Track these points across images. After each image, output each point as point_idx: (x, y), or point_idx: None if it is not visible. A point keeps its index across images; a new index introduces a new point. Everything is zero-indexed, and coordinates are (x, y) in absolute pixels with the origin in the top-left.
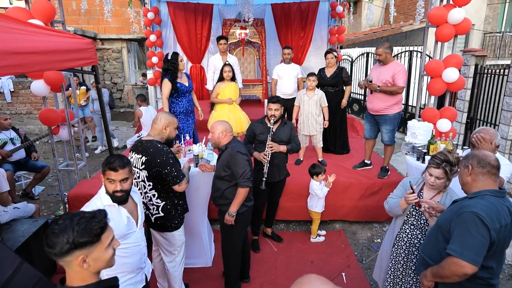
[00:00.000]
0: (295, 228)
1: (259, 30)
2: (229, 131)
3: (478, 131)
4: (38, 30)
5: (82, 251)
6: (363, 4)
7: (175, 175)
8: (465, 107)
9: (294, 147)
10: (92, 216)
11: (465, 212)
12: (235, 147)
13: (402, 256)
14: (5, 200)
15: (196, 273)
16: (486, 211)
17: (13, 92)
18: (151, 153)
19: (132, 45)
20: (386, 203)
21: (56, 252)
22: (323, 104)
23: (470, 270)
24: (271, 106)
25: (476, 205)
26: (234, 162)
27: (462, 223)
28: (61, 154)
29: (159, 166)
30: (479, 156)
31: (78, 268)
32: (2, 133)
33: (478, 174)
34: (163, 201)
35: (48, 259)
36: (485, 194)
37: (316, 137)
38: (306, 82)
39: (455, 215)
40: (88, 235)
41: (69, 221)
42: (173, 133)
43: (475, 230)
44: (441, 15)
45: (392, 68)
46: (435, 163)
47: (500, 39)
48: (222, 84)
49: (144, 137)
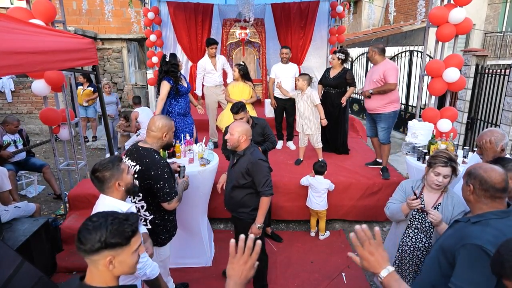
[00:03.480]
0: (295, 228)
1: (259, 30)
2: (249, 135)
3: (484, 133)
4: (39, 30)
5: (111, 251)
6: (363, 4)
7: (166, 191)
8: (466, 107)
9: (269, 146)
10: (126, 218)
11: (469, 244)
12: (256, 154)
13: (407, 260)
14: (6, 199)
15: (196, 273)
16: (493, 242)
17: (14, 91)
18: (146, 163)
19: (132, 45)
20: (387, 208)
21: (87, 249)
22: (314, 102)
23: None
24: (235, 117)
25: (481, 236)
26: (257, 170)
27: (466, 257)
28: (61, 154)
29: (152, 179)
30: (483, 177)
31: (103, 268)
32: (7, 135)
33: (480, 196)
34: (152, 214)
35: (48, 258)
36: (490, 218)
37: (313, 137)
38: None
39: (459, 244)
40: (119, 237)
41: (103, 219)
42: (172, 137)
43: (481, 265)
44: (442, 15)
45: (383, 66)
46: (442, 162)
47: (501, 39)
48: (231, 83)
49: (141, 142)
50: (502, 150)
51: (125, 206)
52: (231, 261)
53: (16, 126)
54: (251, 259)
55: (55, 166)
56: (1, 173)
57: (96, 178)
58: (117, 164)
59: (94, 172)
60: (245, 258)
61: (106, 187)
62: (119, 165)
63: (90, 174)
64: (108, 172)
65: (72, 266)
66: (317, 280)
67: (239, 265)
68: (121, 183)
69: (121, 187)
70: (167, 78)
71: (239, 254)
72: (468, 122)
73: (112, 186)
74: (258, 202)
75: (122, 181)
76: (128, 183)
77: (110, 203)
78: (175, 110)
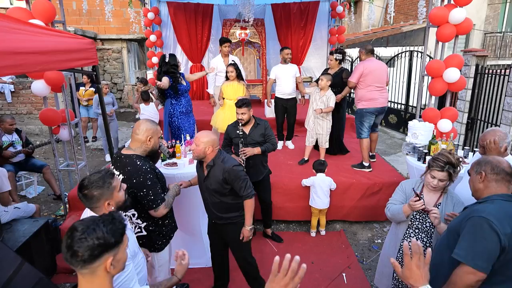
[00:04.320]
0: (295, 229)
1: (259, 30)
2: (216, 145)
3: (486, 133)
4: (38, 30)
5: (111, 252)
6: (363, 4)
7: (151, 199)
8: (466, 107)
9: (269, 147)
10: (113, 217)
11: (473, 217)
12: (228, 161)
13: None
14: (6, 200)
15: (196, 273)
16: (496, 215)
17: (13, 92)
18: (127, 171)
19: (132, 45)
20: (387, 210)
21: (86, 258)
22: (330, 104)
23: (476, 277)
24: (237, 111)
25: (485, 209)
26: (234, 177)
27: (470, 228)
28: (61, 154)
29: (134, 187)
30: (493, 162)
31: (102, 273)
32: (5, 136)
33: (491, 180)
34: (144, 221)
35: (48, 259)
36: (495, 199)
37: (323, 137)
38: (319, 81)
39: (464, 219)
40: (116, 235)
41: (93, 224)
42: (157, 143)
43: (483, 236)
44: (442, 15)
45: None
46: (439, 166)
47: (501, 39)
48: (225, 83)
49: (124, 149)
50: (505, 150)
51: None
52: (272, 279)
53: (11, 124)
54: (293, 283)
55: (55, 167)
56: (1, 174)
57: (83, 196)
58: (108, 182)
59: (82, 189)
60: (287, 281)
61: (94, 206)
62: (110, 183)
63: (77, 190)
64: (97, 191)
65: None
66: (317, 281)
67: (279, 286)
68: (111, 203)
69: (111, 206)
70: (168, 76)
71: (281, 275)
72: (468, 122)
73: (101, 206)
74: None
75: (112, 200)
76: (119, 202)
77: None
78: (177, 110)
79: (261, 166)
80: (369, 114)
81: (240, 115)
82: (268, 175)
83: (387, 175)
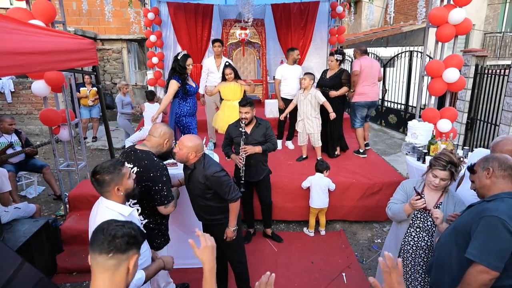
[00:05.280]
0: (295, 229)
1: (259, 30)
2: (200, 151)
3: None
4: (38, 30)
5: (137, 251)
6: (363, 4)
7: (164, 194)
8: (466, 107)
9: (270, 147)
10: (123, 223)
11: (486, 216)
12: (209, 168)
13: (409, 260)
14: (6, 200)
15: (196, 273)
16: (508, 214)
17: (13, 92)
18: (145, 165)
19: (132, 45)
20: (388, 209)
21: (120, 245)
22: (320, 100)
23: (489, 276)
24: (241, 110)
25: (497, 208)
26: (216, 184)
27: (483, 228)
28: (61, 154)
29: (150, 181)
30: (500, 159)
31: (124, 272)
32: (3, 136)
33: (498, 177)
34: (146, 218)
35: (49, 259)
36: (504, 197)
37: (314, 136)
38: (301, 81)
39: (475, 218)
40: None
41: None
42: (171, 146)
43: (497, 235)
44: (442, 15)
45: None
46: (441, 165)
47: (501, 39)
48: (223, 83)
49: (138, 145)
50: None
51: (126, 210)
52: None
53: (10, 124)
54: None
55: (55, 167)
56: (1, 174)
57: (96, 180)
58: (118, 168)
59: (94, 174)
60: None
61: (104, 190)
62: (120, 170)
63: (90, 175)
64: (108, 176)
65: (72, 267)
66: (317, 280)
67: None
68: (120, 188)
69: (120, 192)
70: (175, 77)
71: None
72: (468, 122)
73: (111, 190)
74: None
75: (121, 186)
76: (128, 188)
77: (112, 207)
78: (184, 111)
79: (261, 166)
80: (360, 107)
81: (244, 114)
82: (268, 175)
83: (387, 175)
